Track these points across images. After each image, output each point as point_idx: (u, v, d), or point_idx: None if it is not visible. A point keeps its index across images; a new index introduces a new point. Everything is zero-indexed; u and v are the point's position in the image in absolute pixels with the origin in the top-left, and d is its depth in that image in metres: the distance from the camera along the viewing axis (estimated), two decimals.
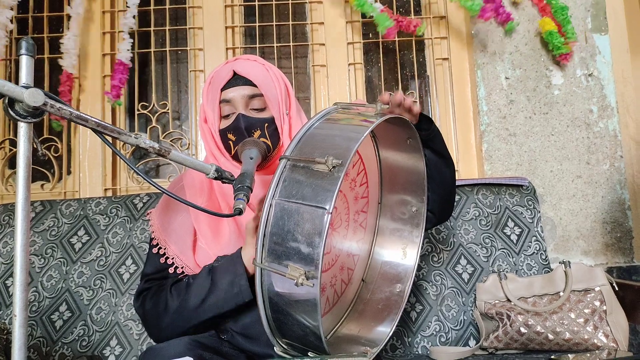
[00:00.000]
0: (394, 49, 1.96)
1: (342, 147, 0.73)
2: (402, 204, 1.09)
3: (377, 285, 1.08)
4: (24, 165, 0.66)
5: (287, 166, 0.76)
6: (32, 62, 0.67)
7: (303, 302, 0.71)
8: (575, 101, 1.80)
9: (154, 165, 1.98)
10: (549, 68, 1.82)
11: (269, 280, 0.74)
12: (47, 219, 1.53)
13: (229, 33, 1.94)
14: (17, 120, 0.66)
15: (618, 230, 1.76)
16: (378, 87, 2.01)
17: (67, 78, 1.78)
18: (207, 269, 1.01)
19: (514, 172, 1.78)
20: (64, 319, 1.43)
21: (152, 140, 0.78)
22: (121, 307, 1.44)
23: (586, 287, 1.31)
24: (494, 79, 1.82)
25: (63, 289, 1.46)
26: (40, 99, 0.64)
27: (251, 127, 1.01)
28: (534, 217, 1.58)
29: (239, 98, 1.02)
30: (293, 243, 0.70)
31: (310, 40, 1.96)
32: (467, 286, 1.50)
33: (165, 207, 1.13)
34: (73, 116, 0.70)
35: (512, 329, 1.30)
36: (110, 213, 1.54)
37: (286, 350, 0.80)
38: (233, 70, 1.02)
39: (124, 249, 1.50)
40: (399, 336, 1.45)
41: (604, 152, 1.78)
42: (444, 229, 1.55)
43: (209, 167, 0.83)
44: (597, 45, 1.82)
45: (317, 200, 0.69)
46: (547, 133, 1.79)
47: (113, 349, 1.40)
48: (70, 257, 1.49)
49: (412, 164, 1.04)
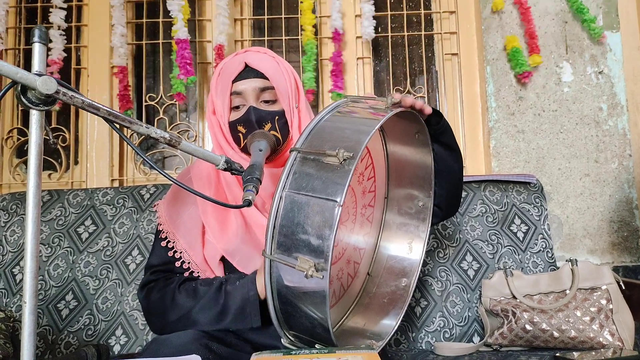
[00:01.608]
0: (402, 43, 1.95)
1: (353, 140, 0.73)
2: (409, 198, 1.09)
3: (382, 279, 1.08)
4: (36, 154, 0.66)
5: (298, 158, 0.76)
6: (45, 49, 0.67)
7: (312, 294, 0.71)
8: (585, 99, 1.79)
9: (160, 157, 1.99)
10: (559, 65, 1.80)
11: (278, 272, 0.74)
12: (55, 208, 1.54)
13: (238, 25, 1.93)
14: (29, 108, 0.65)
15: (625, 229, 1.75)
16: (386, 81, 2.00)
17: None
18: (219, 282, 1.00)
19: (521, 169, 1.77)
20: (70, 308, 1.44)
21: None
22: (127, 297, 1.44)
23: (593, 286, 1.31)
24: (503, 75, 1.81)
25: (69, 278, 1.47)
26: (52, 86, 0.64)
27: (262, 119, 1.00)
28: (541, 215, 1.58)
29: (250, 90, 1.01)
30: (303, 235, 0.69)
31: (318, 34, 1.95)
32: (473, 283, 1.50)
33: (173, 199, 1.13)
34: (85, 104, 0.70)
35: (517, 326, 1.30)
36: (117, 203, 1.55)
37: (293, 342, 0.81)
38: (245, 62, 1.02)
39: (131, 240, 1.50)
40: (403, 331, 1.45)
41: (612, 150, 1.77)
42: (450, 225, 1.55)
43: (218, 158, 0.83)
44: (608, 43, 1.81)
45: (327, 192, 0.69)
46: (555, 130, 1.78)
47: (118, 339, 1.41)
48: (77, 246, 1.50)
49: (420, 159, 1.03)
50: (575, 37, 1.80)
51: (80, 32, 1.94)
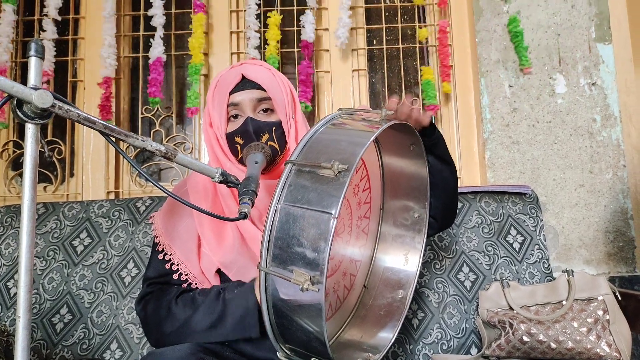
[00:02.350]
0: (397, 55, 1.97)
1: (348, 152, 0.73)
2: (404, 210, 1.09)
3: (379, 291, 1.08)
4: (31, 167, 0.66)
5: (293, 171, 0.76)
6: (41, 63, 0.67)
7: (307, 307, 0.71)
8: (579, 110, 1.80)
9: (156, 169, 1.99)
10: (552, 77, 1.82)
11: (273, 285, 0.74)
12: (50, 221, 1.53)
13: (234, 38, 1.95)
14: (25, 122, 0.66)
15: (620, 239, 1.76)
16: (382, 93, 2.01)
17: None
18: (216, 290, 1.00)
19: (516, 180, 1.78)
20: (64, 322, 1.42)
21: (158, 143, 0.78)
22: (122, 311, 1.43)
23: (589, 296, 1.31)
24: (497, 87, 1.82)
25: (64, 291, 1.45)
26: (48, 100, 0.65)
27: (259, 130, 1.01)
28: (537, 226, 1.58)
29: (247, 101, 1.02)
30: (298, 248, 0.69)
31: (314, 47, 1.96)
32: (469, 294, 1.50)
33: (169, 211, 1.13)
34: (81, 118, 0.70)
35: (515, 337, 1.29)
36: (113, 216, 1.54)
37: (289, 355, 0.80)
38: (242, 73, 1.03)
39: (126, 252, 1.50)
40: (400, 343, 1.44)
41: (606, 161, 1.78)
42: (446, 237, 1.55)
43: (214, 171, 0.83)
44: (600, 55, 1.83)
45: (322, 205, 0.69)
46: (550, 141, 1.79)
47: (113, 353, 1.40)
48: (72, 259, 1.49)
49: (415, 170, 1.04)
50: (568, 49, 1.82)
51: (77, 45, 1.94)
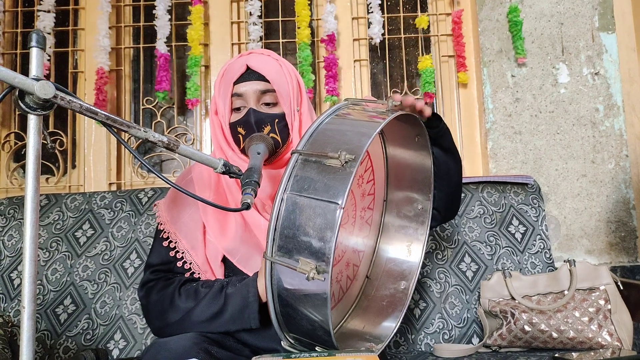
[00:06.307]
0: (399, 45, 1.95)
1: (354, 142, 0.73)
2: (408, 201, 1.09)
3: (381, 281, 1.08)
4: (34, 158, 0.66)
5: (299, 161, 0.76)
6: (43, 54, 0.67)
7: (312, 296, 0.71)
8: (582, 100, 1.79)
9: (158, 160, 1.98)
10: (555, 66, 1.81)
11: (278, 274, 0.74)
12: (52, 212, 1.53)
13: (235, 28, 1.93)
14: (27, 113, 0.65)
15: (622, 229, 1.76)
16: (383, 83, 2.00)
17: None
18: (220, 285, 1.00)
19: (519, 171, 1.77)
20: (68, 313, 1.43)
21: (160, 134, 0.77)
22: (125, 301, 1.44)
23: (591, 286, 1.31)
24: (500, 77, 1.81)
25: (68, 282, 1.46)
26: (50, 91, 0.64)
27: (261, 122, 1.01)
28: (539, 216, 1.58)
29: (250, 93, 1.02)
30: (304, 237, 0.69)
31: (316, 37, 1.95)
32: (471, 284, 1.50)
33: (174, 199, 1.13)
34: (83, 109, 0.69)
35: (516, 327, 1.30)
36: (115, 207, 1.54)
37: (293, 344, 0.81)
38: (246, 64, 1.02)
39: (129, 244, 1.50)
40: (402, 333, 1.45)
41: (609, 151, 1.78)
42: (448, 227, 1.55)
43: (216, 162, 0.83)
44: (604, 44, 1.82)
45: (329, 194, 0.69)
46: (552, 131, 1.79)
47: (117, 343, 1.40)
48: (75, 250, 1.49)
49: (420, 162, 1.04)
50: (571, 39, 1.81)
51: (77, 35, 1.93)
